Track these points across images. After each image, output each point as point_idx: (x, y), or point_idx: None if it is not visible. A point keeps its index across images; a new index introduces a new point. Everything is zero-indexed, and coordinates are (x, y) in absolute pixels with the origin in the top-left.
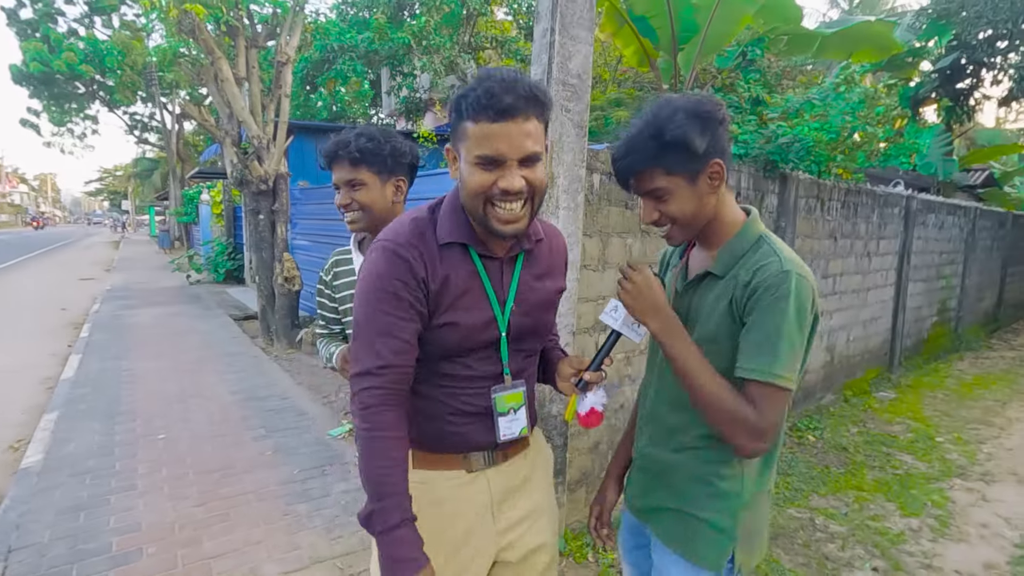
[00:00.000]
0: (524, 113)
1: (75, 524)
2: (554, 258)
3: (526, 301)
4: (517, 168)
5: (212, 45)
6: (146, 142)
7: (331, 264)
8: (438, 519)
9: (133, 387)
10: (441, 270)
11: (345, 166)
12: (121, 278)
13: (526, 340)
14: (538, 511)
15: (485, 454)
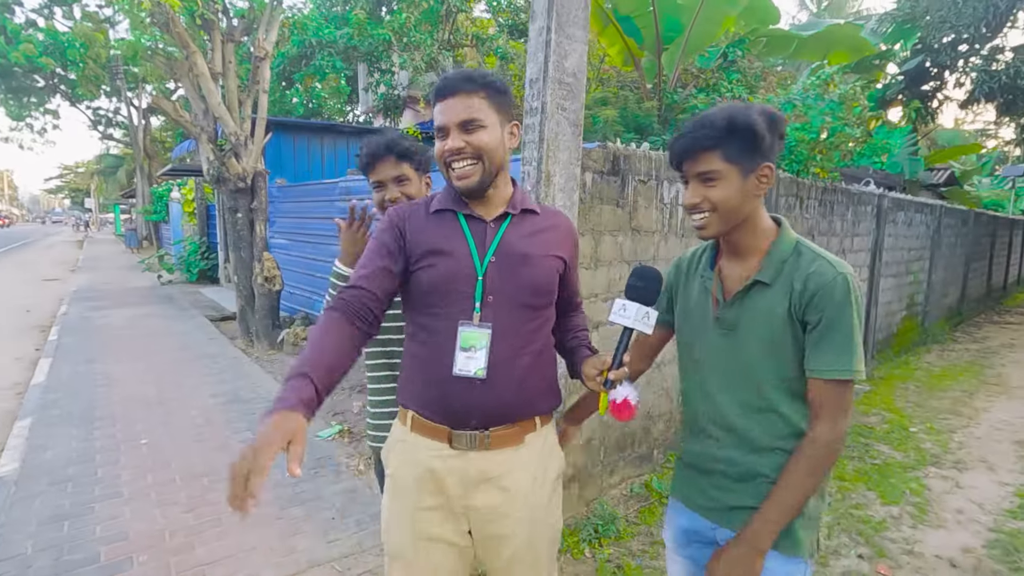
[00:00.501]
0: (464, 91)
1: (59, 534)
2: (550, 231)
3: (506, 255)
4: (459, 133)
5: (187, 39)
6: (111, 138)
7: None
8: (408, 471)
9: (109, 391)
10: (421, 226)
11: (391, 163)
12: (87, 278)
13: (505, 292)
14: (508, 510)
15: (470, 436)
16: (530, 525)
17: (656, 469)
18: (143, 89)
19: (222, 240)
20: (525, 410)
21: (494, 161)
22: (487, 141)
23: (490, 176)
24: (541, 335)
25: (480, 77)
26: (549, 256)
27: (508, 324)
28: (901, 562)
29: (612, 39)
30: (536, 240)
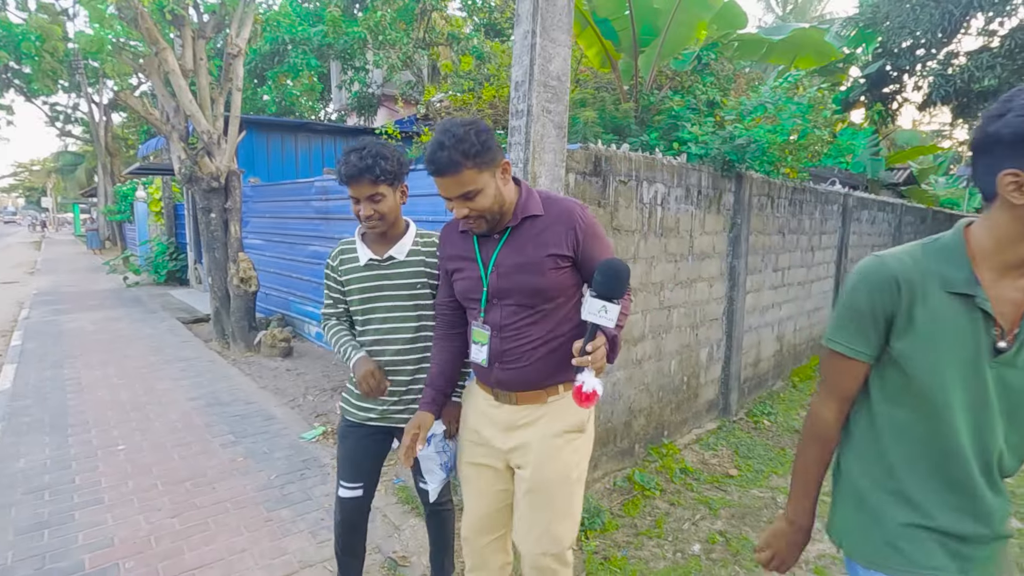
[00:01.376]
0: (452, 172)
1: (40, 543)
2: (548, 228)
3: (503, 265)
4: (461, 202)
5: (156, 35)
6: (69, 135)
7: (338, 252)
8: (469, 410)
9: (80, 397)
10: (451, 246)
11: (367, 183)
12: (48, 281)
13: (507, 296)
14: (527, 448)
15: (503, 394)
16: (543, 465)
17: (637, 463)
18: (104, 84)
19: (192, 240)
20: (542, 382)
21: (495, 209)
22: (485, 203)
23: (495, 219)
24: (546, 326)
25: (463, 153)
26: (546, 257)
27: (509, 322)
28: None
29: (590, 41)
30: (532, 244)
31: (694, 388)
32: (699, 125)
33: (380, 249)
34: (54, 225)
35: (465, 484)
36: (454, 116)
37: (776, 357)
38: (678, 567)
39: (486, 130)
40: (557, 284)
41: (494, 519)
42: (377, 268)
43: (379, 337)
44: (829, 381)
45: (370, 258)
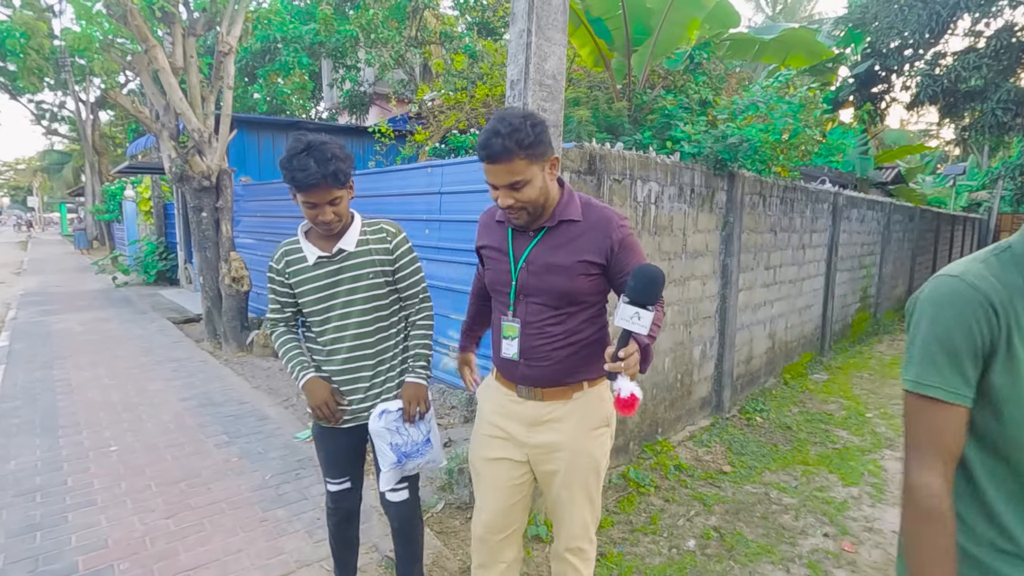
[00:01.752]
0: (505, 159)
1: (32, 545)
2: (584, 234)
3: (535, 263)
4: (508, 191)
5: (146, 32)
6: (56, 133)
7: (281, 254)
8: (488, 405)
9: (71, 398)
10: (487, 234)
11: (325, 189)
12: (35, 281)
13: (535, 294)
14: (559, 446)
15: (528, 389)
16: (573, 459)
17: (632, 460)
18: (91, 82)
19: (182, 240)
20: (569, 379)
21: (539, 203)
22: (532, 194)
23: (537, 213)
24: (567, 326)
25: (518, 142)
26: (577, 263)
27: (535, 320)
28: (863, 539)
29: (583, 40)
30: (566, 249)
31: (687, 385)
32: (692, 124)
33: (327, 245)
34: (40, 225)
35: (479, 481)
36: (447, 114)
37: (768, 354)
38: (673, 563)
39: (541, 123)
40: (585, 289)
41: (510, 515)
42: (327, 264)
43: (338, 335)
44: (926, 438)
45: (319, 256)
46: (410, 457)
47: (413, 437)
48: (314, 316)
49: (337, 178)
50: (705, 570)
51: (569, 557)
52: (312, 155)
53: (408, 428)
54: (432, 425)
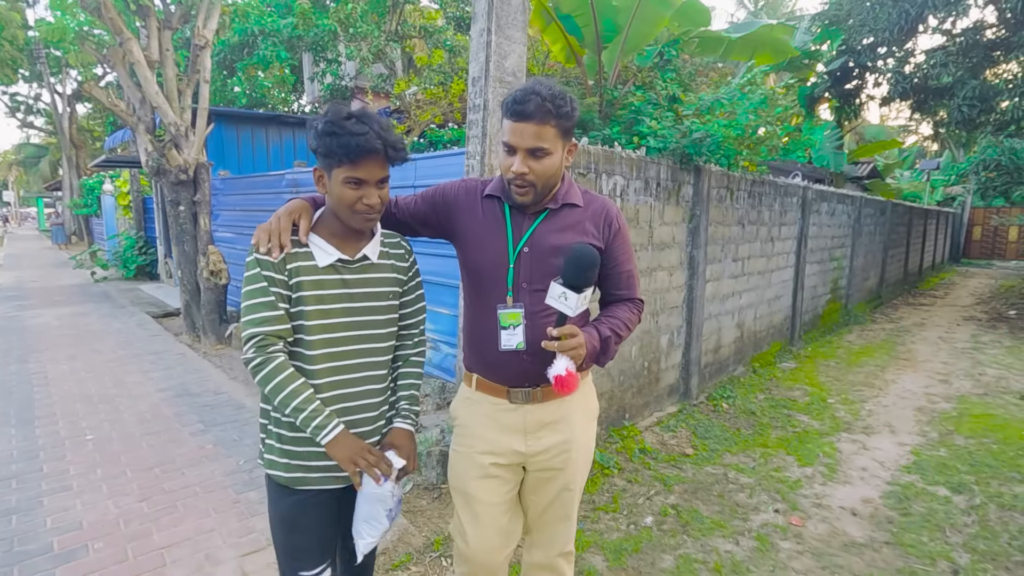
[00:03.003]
0: (538, 120)
1: (7, 528)
2: (587, 219)
3: (537, 246)
4: (526, 157)
5: (120, 25)
6: (32, 126)
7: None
8: (475, 421)
9: (47, 390)
10: (472, 207)
11: (380, 163)
12: (12, 277)
13: (537, 280)
14: (567, 445)
15: (525, 392)
16: (579, 455)
17: (599, 443)
18: (67, 74)
19: (161, 234)
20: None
21: (549, 183)
22: (548, 167)
23: (543, 193)
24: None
25: (556, 107)
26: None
27: (537, 308)
28: (811, 513)
29: (555, 36)
30: (569, 232)
31: (655, 373)
32: (658, 120)
33: (350, 247)
34: (16, 220)
35: (474, 504)
36: (425, 109)
37: (737, 343)
38: (630, 537)
39: (577, 104)
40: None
41: (508, 531)
42: (345, 271)
43: (343, 363)
44: None
45: (338, 258)
46: (393, 522)
47: (396, 495)
48: (312, 334)
49: (397, 149)
50: (660, 544)
51: (561, 562)
52: (366, 120)
53: (394, 488)
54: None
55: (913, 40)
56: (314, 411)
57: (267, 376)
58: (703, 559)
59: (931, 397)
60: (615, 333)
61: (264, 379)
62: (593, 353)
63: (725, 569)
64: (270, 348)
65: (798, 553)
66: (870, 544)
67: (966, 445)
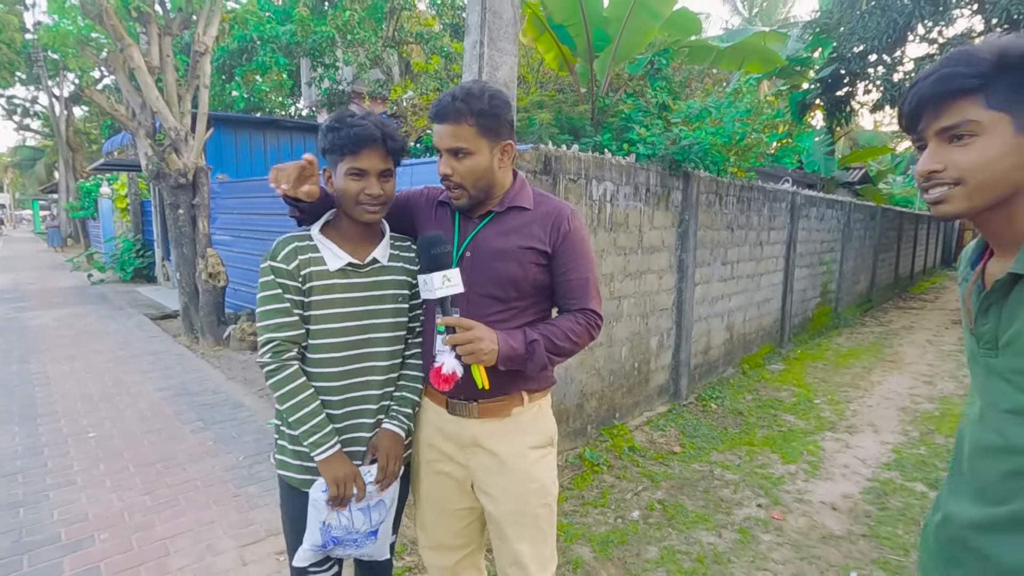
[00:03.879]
0: (452, 120)
1: (15, 520)
2: (535, 222)
3: (479, 249)
4: (448, 158)
5: (121, 31)
6: (28, 129)
7: (291, 251)
8: (421, 428)
9: (48, 389)
10: (426, 214)
11: (381, 155)
12: (9, 279)
13: (479, 284)
14: (496, 471)
15: (462, 404)
16: (516, 489)
17: (589, 442)
18: (64, 77)
19: (159, 237)
20: (508, 387)
21: (480, 184)
22: (473, 167)
23: (479, 196)
24: (515, 324)
25: (468, 105)
26: (527, 249)
27: (478, 313)
28: (792, 508)
29: (548, 45)
30: (513, 236)
31: (645, 373)
32: (647, 127)
33: (359, 251)
34: (12, 222)
35: (425, 503)
36: (420, 115)
37: (726, 345)
38: (617, 530)
39: (504, 101)
40: (534, 279)
41: (462, 536)
42: (355, 275)
43: (345, 369)
44: None
45: (348, 262)
46: (341, 544)
47: (356, 524)
48: (322, 338)
49: (395, 141)
50: (645, 536)
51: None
52: (366, 117)
53: (352, 512)
54: (388, 513)
55: (902, 48)
56: (316, 426)
57: (278, 383)
58: (686, 550)
59: (915, 398)
60: (548, 340)
61: (275, 385)
62: (512, 356)
63: (707, 560)
64: (285, 355)
65: (778, 545)
66: (847, 536)
67: (946, 444)
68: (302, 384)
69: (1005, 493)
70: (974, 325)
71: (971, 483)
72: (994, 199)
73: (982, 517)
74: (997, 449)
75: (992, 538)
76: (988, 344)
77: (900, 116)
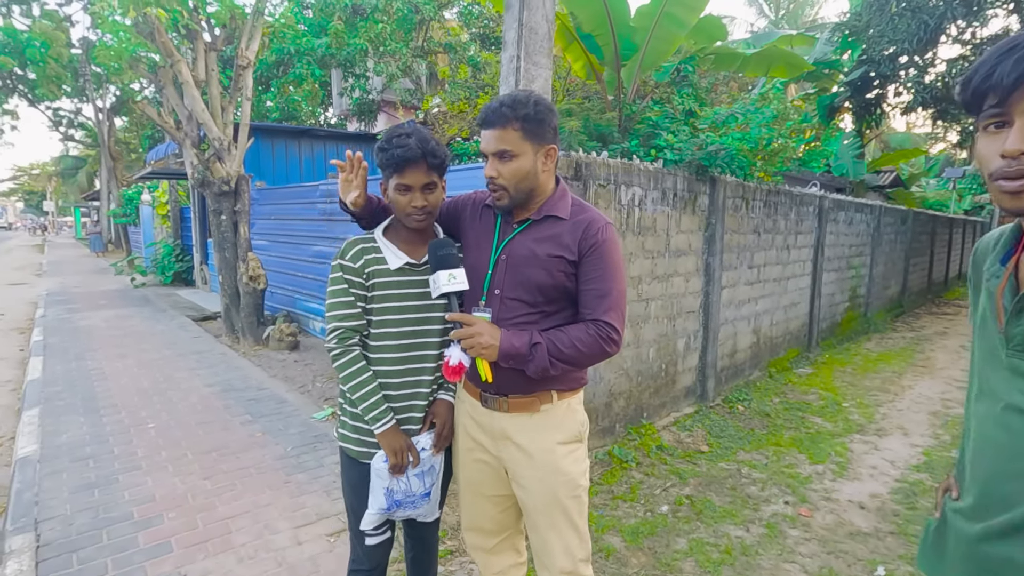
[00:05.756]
0: (499, 124)
1: (92, 499)
2: (566, 232)
3: (514, 254)
4: (495, 161)
5: (171, 48)
6: (72, 139)
7: (358, 251)
8: (459, 419)
9: (106, 384)
10: (473, 217)
11: (424, 170)
12: (56, 282)
13: (511, 288)
14: (526, 464)
15: (493, 399)
16: (544, 482)
17: (617, 440)
18: (107, 89)
19: (197, 242)
20: (538, 385)
21: (522, 187)
22: (516, 170)
23: (519, 198)
24: (544, 326)
25: (514, 110)
26: (556, 257)
27: (508, 315)
28: (820, 506)
29: (576, 54)
30: (547, 244)
31: (672, 375)
32: (674, 133)
33: (416, 252)
34: (54, 228)
35: (465, 488)
36: (451, 123)
37: (753, 348)
38: (646, 523)
39: (548, 108)
40: (562, 286)
41: (499, 521)
42: (411, 273)
43: (402, 355)
44: None
45: (406, 262)
46: (401, 507)
47: (413, 488)
48: (383, 328)
49: (436, 157)
50: (674, 528)
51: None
52: (412, 135)
53: (409, 477)
54: (437, 477)
55: (933, 50)
56: (375, 403)
57: (343, 365)
58: (715, 543)
59: (947, 402)
60: (553, 344)
61: (340, 367)
62: (513, 354)
63: (735, 551)
64: (348, 341)
65: (805, 540)
66: (875, 534)
67: None
68: (363, 367)
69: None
70: (1005, 326)
71: (983, 490)
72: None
73: (1005, 521)
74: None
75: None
76: (1019, 346)
77: (967, 89)
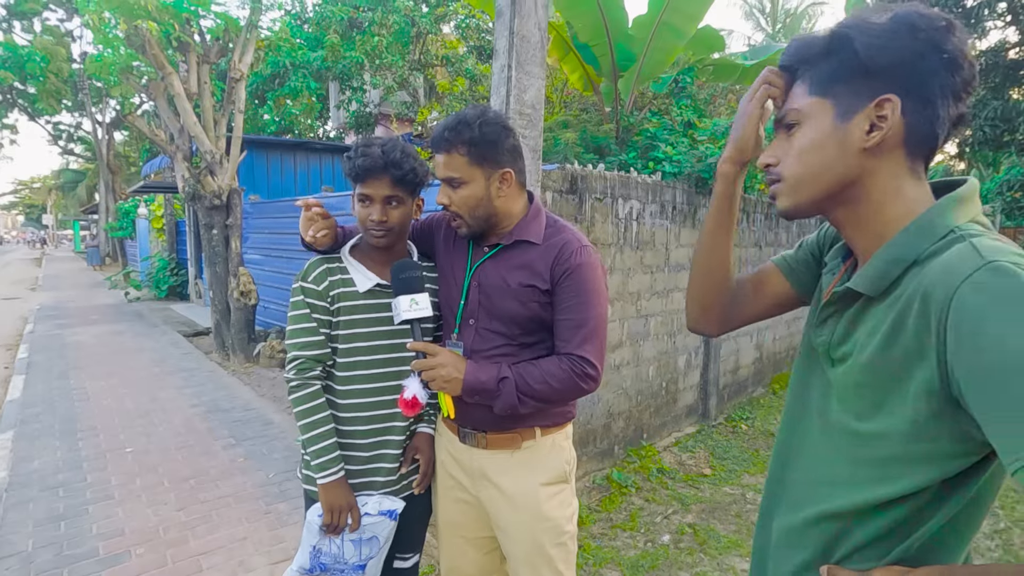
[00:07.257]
0: (444, 150)
1: (56, 533)
2: (540, 259)
3: (484, 282)
4: (446, 188)
5: (163, 61)
6: (71, 153)
7: (322, 272)
8: (439, 455)
9: (88, 404)
10: (447, 242)
11: (386, 183)
12: (50, 297)
13: (485, 318)
14: (505, 507)
15: (471, 434)
16: (527, 528)
17: (616, 463)
18: (106, 103)
19: (192, 256)
20: (518, 422)
21: (478, 215)
22: (467, 197)
23: (479, 225)
24: (522, 358)
25: (458, 134)
26: (526, 287)
27: (484, 346)
28: None
29: (573, 66)
30: (519, 272)
31: (673, 393)
32: (673, 145)
33: (386, 272)
34: (54, 242)
35: (445, 529)
36: None
37: (756, 365)
38: (647, 555)
39: (502, 128)
40: (538, 317)
41: (481, 564)
42: (382, 296)
43: (373, 386)
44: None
45: (376, 283)
46: (327, 572)
47: (345, 555)
48: (346, 357)
49: (401, 169)
50: (676, 561)
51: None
52: (381, 146)
53: (344, 541)
54: (379, 552)
55: None
56: (325, 448)
57: (299, 399)
58: None
59: None
60: (523, 380)
61: (296, 401)
62: (479, 389)
63: None
64: (309, 373)
65: None
66: None
67: None
68: (320, 405)
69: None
70: (812, 332)
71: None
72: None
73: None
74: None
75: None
76: (825, 354)
77: None
